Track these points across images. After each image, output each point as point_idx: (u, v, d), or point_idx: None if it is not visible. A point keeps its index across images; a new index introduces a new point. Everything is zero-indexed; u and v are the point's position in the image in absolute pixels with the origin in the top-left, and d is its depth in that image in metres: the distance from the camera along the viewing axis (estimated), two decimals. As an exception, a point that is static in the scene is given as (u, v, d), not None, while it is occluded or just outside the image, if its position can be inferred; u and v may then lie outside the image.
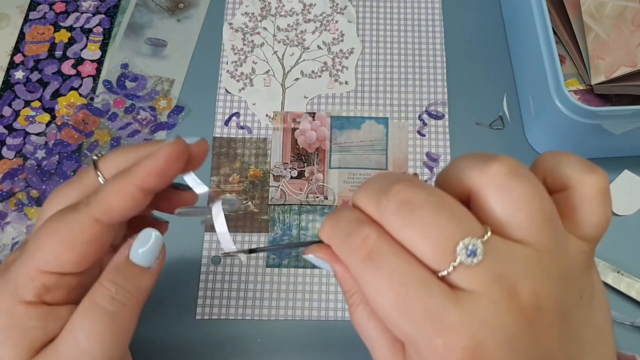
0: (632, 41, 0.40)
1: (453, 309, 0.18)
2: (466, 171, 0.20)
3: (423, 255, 0.19)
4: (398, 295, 0.18)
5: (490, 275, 0.18)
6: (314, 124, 0.44)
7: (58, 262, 0.23)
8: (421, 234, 0.19)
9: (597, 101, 0.41)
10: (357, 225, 0.20)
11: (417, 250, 0.19)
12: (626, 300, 0.39)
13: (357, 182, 0.42)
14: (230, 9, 0.48)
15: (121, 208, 0.24)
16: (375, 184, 0.20)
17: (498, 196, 0.19)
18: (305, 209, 0.42)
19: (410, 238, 0.19)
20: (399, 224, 0.19)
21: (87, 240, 0.23)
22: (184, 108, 0.45)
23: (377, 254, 0.19)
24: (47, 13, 0.48)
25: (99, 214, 0.23)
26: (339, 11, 0.48)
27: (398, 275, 0.19)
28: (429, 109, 0.45)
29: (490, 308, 0.18)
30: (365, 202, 0.21)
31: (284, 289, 0.39)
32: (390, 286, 0.19)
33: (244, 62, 0.46)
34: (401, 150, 0.44)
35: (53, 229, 0.23)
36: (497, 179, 0.19)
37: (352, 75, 0.46)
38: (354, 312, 0.22)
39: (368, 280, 0.19)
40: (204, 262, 0.40)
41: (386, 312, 0.19)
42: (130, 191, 0.24)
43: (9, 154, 0.43)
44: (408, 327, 0.19)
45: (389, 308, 0.19)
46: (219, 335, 0.38)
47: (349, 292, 0.22)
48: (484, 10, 0.49)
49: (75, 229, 0.23)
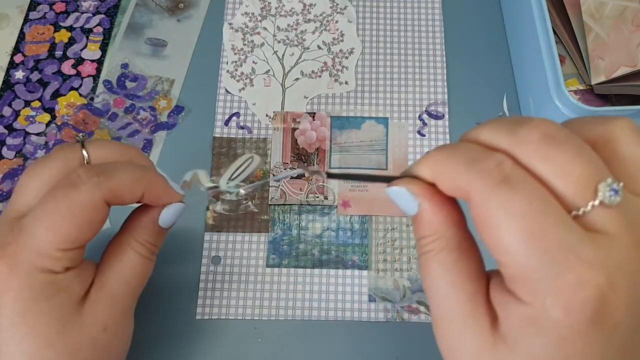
0: (632, 41, 0.40)
1: (591, 245, 0.18)
2: (592, 125, 0.20)
3: (562, 190, 0.18)
4: (536, 222, 0.18)
5: (624, 220, 0.18)
6: (314, 124, 0.44)
7: (77, 240, 0.26)
8: (563, 169, 0.18)
9: (597, 101, 0.41)
10: (486, 152, 0.19)
11: (556, 185, 0.18)
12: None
13: (357, 182, 0.42)
14: (230, 9, 0.48)
15: (131, 198, 0.28)
16: (503, 121, 0.20)
17: (631, 149, 0.19)
18: (306, 209, 0.42)
19: (550, 172, 0.19)
20: (540, 156, 0.19)
21: (101, 219, 0.27)
22: (184, 108, 0.45)
23: (515, 179, 0.18)
24: (47, 13, 0.48)
25: (110, 197, 0.26)
26: (339, 11, 0.48)
27: (538, 202, 0.18)
28: (429, 109, 0.45)
29: (624, 252, 0.18)
30: (492, 133, 0.20)
31: (284, 289, 0.39)
32: (529, 211, 0.18)
33: (244, 62, 0.46)
34: (401, 150, 0.44)
35: (66, 210, 0.25)
36: (629, 133, 0.20)
37: (352, 75, 0.46)
38: (431, 260, 0.21)
39: (501, 203, 0.18)
40: (204, 262, 0.40)
41: (512, 238, 0.18)
42: (141, 189, 0.28)
43: (9, 154, 0.43)
44: (536, 258, 0.18)
45: (519, 235, 0.18)
46: (218, 335, 0.38)
47: (431, 236, 0.21)
48: (484, 10, 0.49)
49: (89, 208, 0.26)
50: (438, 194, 0.21)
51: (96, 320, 0.28)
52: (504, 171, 0.19)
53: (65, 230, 0.26)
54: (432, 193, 0.21)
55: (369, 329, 0.38)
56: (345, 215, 0.41)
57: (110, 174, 0.27)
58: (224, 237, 0.41)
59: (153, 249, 0.30)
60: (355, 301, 0.39)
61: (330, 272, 0.40)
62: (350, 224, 0.41)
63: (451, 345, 0.21)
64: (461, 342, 0.20)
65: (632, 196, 0.19)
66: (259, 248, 0.40)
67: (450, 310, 0.21)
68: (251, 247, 0.40)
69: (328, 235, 0.41)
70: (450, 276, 0.21)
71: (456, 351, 0.21)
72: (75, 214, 0.26)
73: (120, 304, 0.29)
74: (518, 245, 0.18)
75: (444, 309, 0.21)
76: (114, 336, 0.29)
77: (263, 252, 0.40)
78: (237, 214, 0.41)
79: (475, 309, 0.20)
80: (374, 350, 0.38)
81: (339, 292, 0.39)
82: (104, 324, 0.28)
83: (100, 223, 0.27)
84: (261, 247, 0.40)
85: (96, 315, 0.28)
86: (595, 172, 0.18)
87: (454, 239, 0.21)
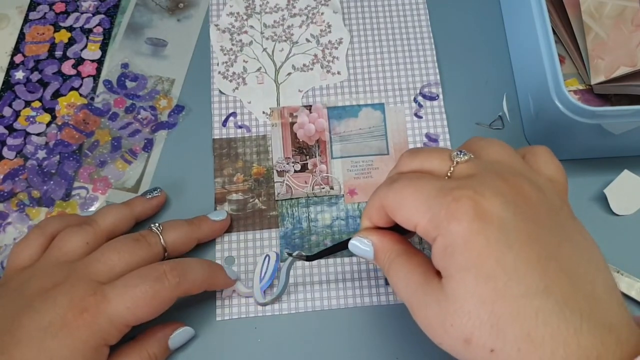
0: (632, 41, 0.40)
1: (458, 181, 0.27)
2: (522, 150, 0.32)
3: (437, 169, 0.28)
4: (415, 188, 0.27)
5: (482, 165, 0.27)
6: (311, 117, 0.44)
7: (143, 320, 0.33)
8: (429, 160, 0.29)
9: (597, 101, 0.42)
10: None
11: (432, 169, 0.29)
12: (626, 300, 0.39)
13: (360, 169, 0.43)
14: (215, 11, 0.48)
15: (197, 292, 0.35)
16: (402, 157, 0.31)
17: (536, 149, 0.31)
18: (313, 201, 0.42)
19: (425, 164, 0.29)
20: (412, 161, 0.30)
21: (170, 304, 0.33)
22: (185, 107, 0.45)
23: (397, 179, 0.29)
24: (47, 13, 0.48)
25: (182, 294, 0.34)
26: (323, 3, 0.48)
27: (414, 180, 0.28)
28: (423, 90, 0.45)
29: (486, 177, 0.26)
30: (400, 168, 0.31)
31: (301, 282, 0.39)
32: (409, 186, 0.28)
33: (235, 62, 0.46)
34: (400, 134, 0.44)
35: (150, 300, 0.32)
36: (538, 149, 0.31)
37: (344, 65, 0.46)
38: (391, 267, 0.29)
39: (395, 194, 0.28)
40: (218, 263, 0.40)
41: (407, 207, 0.27)
42: (206, 286, 0.36)
43: (10, 154, 0.43)
44: (426, 206, 0.26)
45: (410, 201, 0.27)
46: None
47: (386, 254, 0.30)
48: (483, 10, 0.49)
49: (166, 301, 0.33)
50: (379, 231, 0.31)
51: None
52: (391, 179, 0.29)
53: (141, 313, 0.32)
54: (375, 231, 0.31)
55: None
56: (352, 203, 0.42)
57: (187, 277, 0.34)
58: (235, 237, 0.41)
59: None
60: (373, 286, 0.39)
61: (344, 260, 0.40)
62: (359, 211, 0.42)
63: (422, 313, 0.27)
64: (426, 304, 0.26)
65: (487, 159, 0.29)
66: (271, 244, 0.40)
67: (413, 288, 0.27)
68: (263, 244, 0.40)
69: (338, 224, 0.41)
70: (405, 269, 0.28)
71: (426, 315, 0.26)
72: (154, 304, 0.32)
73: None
74: (413, 207, 0.27)
75: (409, 291, 0.28)
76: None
77: (276, 248, 0.40)
78: (245, 212, 0.41)
79: (427, 281, 0.27)
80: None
81: (356, 279, 0.39)
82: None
83: (164, 310, 0.33)
84: (273, 243, 0.40)
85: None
86: (446, 153, 0.29)
87: (399, 250, 0.30)
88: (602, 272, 0.25)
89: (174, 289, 0.33)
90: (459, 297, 0.25)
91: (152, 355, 0.34)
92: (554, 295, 0.23)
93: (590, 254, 0.26)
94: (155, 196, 0.40)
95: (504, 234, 0.24)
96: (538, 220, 0.25)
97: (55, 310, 0.31)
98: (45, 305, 0.31)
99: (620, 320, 0.24)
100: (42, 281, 0.33)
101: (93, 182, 0.42)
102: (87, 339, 0.31)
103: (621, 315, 0.24)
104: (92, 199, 0.42)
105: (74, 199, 0.41)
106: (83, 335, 0.31)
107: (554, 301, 0.23)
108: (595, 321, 0.23)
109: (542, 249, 0.24)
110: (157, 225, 0.37)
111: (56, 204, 0.41)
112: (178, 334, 0.36)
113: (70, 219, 0.37)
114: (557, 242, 0.25)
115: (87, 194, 0.42)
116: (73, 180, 0.42)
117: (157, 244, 0.36)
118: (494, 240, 0.24)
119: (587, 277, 0.25)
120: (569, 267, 0.24)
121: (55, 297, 0.31)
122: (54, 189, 0.42)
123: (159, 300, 0.32)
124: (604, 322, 0.23)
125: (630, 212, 0.41)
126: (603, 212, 0.42)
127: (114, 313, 0.31)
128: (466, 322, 0.24)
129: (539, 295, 0.23)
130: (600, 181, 0.42)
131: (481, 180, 0.26)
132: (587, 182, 0.42)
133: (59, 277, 0.33)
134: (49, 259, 0.34)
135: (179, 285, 0.33)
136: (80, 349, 0.30)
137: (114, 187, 0.42)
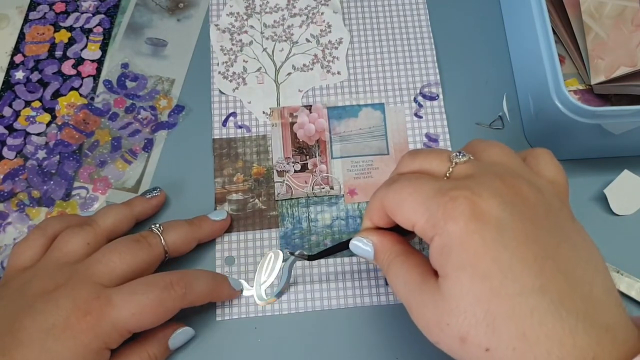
0: (632, 41, 0.40)
1: (455, 182, 0.27)
2: None
3: (436, 170, 0.29)
4: (414, 188, 0.28)
5: (480, 167, 0.28)
6: (311, 117, 0.44)
7: (146, 328, 0.33)
8: (428, 161, 0.29)
9: (597, 101, 0.42)
10: None
11: (432, 170, 0.29)
12: (626, 300, 0.39)
13: (360, 169, 0.43)
14: (215, 10, 0.48)
15: (201, 304, 0.36)
16: (402, 159, 0.32)
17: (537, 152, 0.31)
18: (313, 201, 0.42)
19: (425, 165, 0.30)
20: (414, 162, 0.30)
21: (172, 314, 0.34)
22: (185, 107, 0.45)
23: (397, 180, 0.29)
24: (47, 13, 0.48)
25: (186, 305, 0.34)
26: (323, 3, 0.48)
27: (413, 180, 0.28)
28: (423, 90, 0.45)
29: (484, 178, 0.27)
30: (401, 169, 0.31)
31: (301, 281, 0.39)
32: (408, 186, 0.28)
33: (235, 62, 0.46)
34: (400, 134, 0.44)
35: (155, 308, 0.32)
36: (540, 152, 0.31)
37: (344, 65, 0.46)
38: (390, 267, 0.30)
39: (394, 194, 0.29)
40: (218, 263, 0.40)
41: (406, 207, 0.27)
42: (210, 298, 0.37)
43: (10, 154, 0.43)
44: (424, 207, 0.26)
45: (409, 202, 0.27)
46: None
47: (385, 255, 0.30)
48: (483, 10, 0.49)
49: (170, 310, 0.33)
50: (379, 231, 0.31)
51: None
52: (391, 180, 0.30)
53: (145, 321, 0.32)
54: (375, 231, 0.31)
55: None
56: (352, 204, 0.42)
57: (193, 288, 0.34)
58: (235, 237, 0.41)
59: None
60: (373, 286, 0.39)
61: (344, 260, 0.40)
62: (359, 211, 0.42)
63: (419, 313, 0.27)
64: (423, 304, 0.27)
65: (486, 161, 0.29)
66: (271, 244, 0.40)
67: (411, 288, 0.28)
68: (263, 244, 0.40)
69: (338, 224, 0.41)
70: (404, 269, 0.29)
71: (423, 315, 0.27)
72: (158, 313, 0.33)
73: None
74: (411, 207, 0.27)
75: (407, 290, 0.28)
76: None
77: (276, 248, 0.40)
78: (245, 212, 0.41)
79: (424, 280, 0.27)
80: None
81: (356, 279, 0.39)
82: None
83: (166, 320, 0.34)
84: (273, 243, 0.40)
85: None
86: (446, 154, 0.29)
87: (398, 250, 0.30)
88: (600, 273, 0.25)
89: (180, 300, 0.33)
90: (455, 296, 0.25)
91: (152, 356, 0.35)
92: (549, 295, 0.23)
93: (589, 255, 0.26)
94: (155, 196, 0.40)
95: (500, 234, 0.24)
96: (536, 221, 0.25)
97: (58, 312, 0.31)
98: (48, 306, 0.31)
99: (617, 321, 0.24)
100: (43, 282, 0.33)
101: (93, 182, 0.42)
102: (89, 342, 0.31)
103: (619, 317, 0.24)
104: (92, 199, 0.42)
105: (74, 199, 0.41)
106: (85, 339, 0.31)
107: (550, 300, 0.23)
108: (592, 321, 0.23)
109: (539, 249, 0.24)
110: (157, 225, 0.37)
111: (56, 204, 0.41)
112: (178, 334, 0.36)
113: (71, 219, 0.37)
114: (555, 242, 0.25)
115: (87, 194, 0.42)
116: (73, 180, 0.42)
117: (158, 244, 0.36)
118: (490, 240, 0.24)
119: (585, 278, 0.25)
120: (566, 268, 0.24)
121: (58, 299, 0.31)
122: (54, 189, 0.42)
123: (164, 309, 0.33)
124: (600, 323, 0.23)
125: (630, 212, 0.41)
126: (603, 212, 0.42)
127: (118, 318, 0.31)
128: (462, 321, 0.24)
129: (535, 294, 0.23)
130: (600, 181, 0.42)
131: (479, 181, 0.26)
132: (587, 182, 0.42)
133: (60, 278, 0.33)
134: (50, 260, 0.34)
135: (185, 296, 0.33)
136: (82, 351, 0.31)
137: (114, 187, 0.42)
